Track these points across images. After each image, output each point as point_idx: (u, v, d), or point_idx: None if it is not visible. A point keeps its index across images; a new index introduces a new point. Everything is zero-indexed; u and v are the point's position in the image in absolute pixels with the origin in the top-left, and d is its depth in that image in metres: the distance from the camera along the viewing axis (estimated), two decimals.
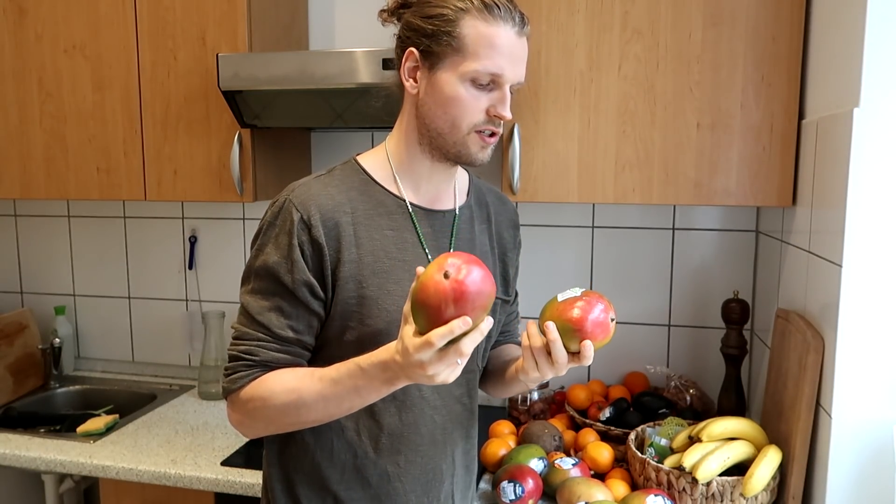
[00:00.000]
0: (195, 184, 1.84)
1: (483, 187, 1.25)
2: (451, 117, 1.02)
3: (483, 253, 1.18)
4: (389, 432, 1.09)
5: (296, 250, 1.01)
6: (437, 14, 1.00)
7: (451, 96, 1.01)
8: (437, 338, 0.81)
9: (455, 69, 1.00)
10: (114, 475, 1.66)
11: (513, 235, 1.26)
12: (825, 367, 1.27)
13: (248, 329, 1.03)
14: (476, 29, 0.99)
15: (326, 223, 1.02)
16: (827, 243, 1.29)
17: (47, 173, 1.94)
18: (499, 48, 0.99)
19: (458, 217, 1.15)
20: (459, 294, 0.80)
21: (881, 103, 1.17)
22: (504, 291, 1.22)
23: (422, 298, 0.82)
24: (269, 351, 1.03)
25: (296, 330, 1.03)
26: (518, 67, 1.03)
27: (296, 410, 1.00)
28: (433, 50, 1.01)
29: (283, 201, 1.04)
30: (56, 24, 1.87)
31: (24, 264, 2.42)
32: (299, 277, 1.01)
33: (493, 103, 1.02)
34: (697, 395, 1.79)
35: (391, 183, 1.10)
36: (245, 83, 1.65)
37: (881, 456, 1.22)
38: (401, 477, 1.11)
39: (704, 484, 1.34)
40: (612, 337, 0.98)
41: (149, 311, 2.32)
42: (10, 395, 2.12)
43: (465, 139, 1.03)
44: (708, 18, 1.49)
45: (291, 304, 1.02)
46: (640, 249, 1.93)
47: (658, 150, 1.54)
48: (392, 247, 1.06)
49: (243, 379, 1.02)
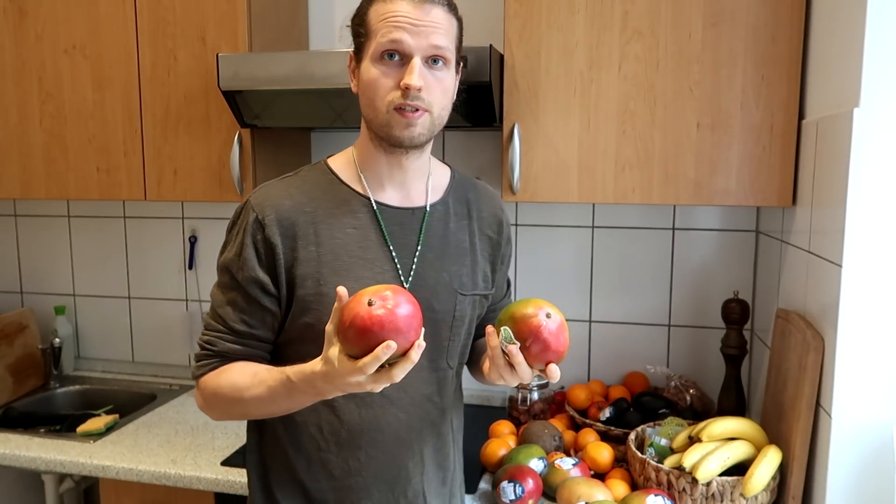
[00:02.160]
0: (195, 184, 1.84)
1: (466, 183, 1.24)
2: (370, 99, 1.05)
3: (459, 249, 1.17)
4: (349, 428, 1.11)
5: (248, 249, 1.06)
6: (355, 14, 1.07)
7: (367, 80, 1.05)
8: (367, 367, 0.84)
9: (368, 55, 1.05)
10: (114, 475, 1.66)
11: (497, 231, 1.24)
12: (825, 367, 1.27)
13: (211, 320, 1.11)
14: (376, 11, 1.04)
15: (282, 223, 1.06)
16: (827, 243, 1.29)
17: (47, 173, 1.94)
18: (395, 20, 1.01)
19: (428, 214, 1.15)
20: (381, 324, 0.84)
21: (881, 103, 1.17)
22: (485, 286, 1.21)
23: (347, 325, 0.86)
24: (226, 342, 1.09)
25: (249, 324, 1.08)
26: (422, 36, 1.01)
27: (238, 407, 1.07)
28: (357, 47, 1.07)
29: (245, 202, 1.10)
30: (56, 24, 1.87)
31: (24, 264, 2.42)
32: (248, 275, 1.06)
33: (402, 77, 1.02)
34: (697, 395, 1.79)
35: (357, 182, 1.13)
36: (245, 83, 1.65)
37: (881, 456, 1.22)
38: (362, 472, 1.13)
39: (704, 484, 1.34)
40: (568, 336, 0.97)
41: (149, 311, 2.32)
42: (10, 395, 2.12)
43: (387, 119, 1.04)
44: (708, 18, 1.49)
45: (245, 299, 1.08)
46: (640, 249, 1.93)
47: (658, 150, 1.54)
48: (353, 244, 1.08)
49: (204, 367, 1.10)
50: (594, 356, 1.99)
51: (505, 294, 1.34)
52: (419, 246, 1.13)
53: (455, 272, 1.15)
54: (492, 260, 1.23)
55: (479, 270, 1.20)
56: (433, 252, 1.14)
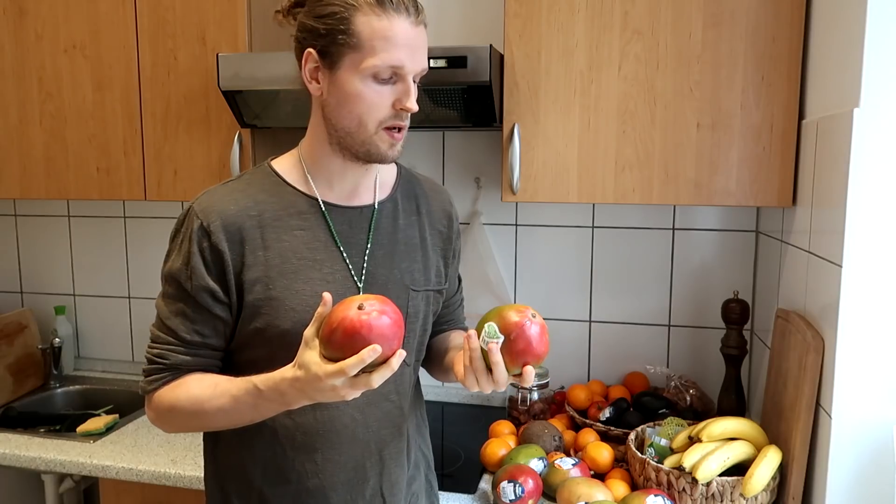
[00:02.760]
0: (195, 184, 1.84)
1: (413, 179, 1.23)
2: (357, 115, 1.01)
3: (410, 245, 1.16)
4: (304, 431, 1.09)
5: (195, 257, 1.03)
6: (329, 13, 0.99)
7: (355, 94, 1.00)
8: (349, 368, 0.84)
9: (355, 67, 0.99)
10: (114, 475, 1.66)
11: (447, 225, 1.23)
12: (825, 368, 1.27)
13: (160, 333, 1.07)
14: (370, 24, 0.98)
15: (228, 229, 1.03)
16: (827, 243, 1.29)
17: (47, 173, 1.94)
18: (394, 40, 0.98)
19: (377, 211, 1.14)
20: (369, 328, 0.85)
21: (881, 103, 1.17)
22: (438, 282, 1.20)
23: (333, 327, 0.86)
24: (178, 355, 1.06)
25: (201, 334, 1.06)
26: (418, 57, 1.01)
27: (199, 420, 1.04)
28: (330, 50, 1.00)
29: (188, 209, 1.07)
30: (56, 24, 1.87)
31: (24, 264, 2.42)
32: (198, 284, 1.03)
33: (397, 96, 1.01)
34: (697, 395, 1.79)
35: (303, 183, 1.10)
36: (245, 83, 1.65)
37: (881, 456, 1.22)
38: (319, 474, 1.10)
39: (704, 484, 1.34)
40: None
41: (149, 311, 2.30)
42: (10, 395, 2.12)
43: (372, 137, 1.03)
44: (708, 18, 1.49)
45: (195, 309, 1.05)
46: (640, 249, 1.93)
47: (658, 150, 1.54)
48: (302, 246, 1.07)
49: (156, 382, 1.06)
50: (594, 356, 1.99)
51: (457, 290, 1.32)
52: (369, 244, 1.11)
53: (406, 269, 1.14)
54: (444, 255, 1.22)
55: (432, 266, 1.19)
56: (383, 250, 1.13)
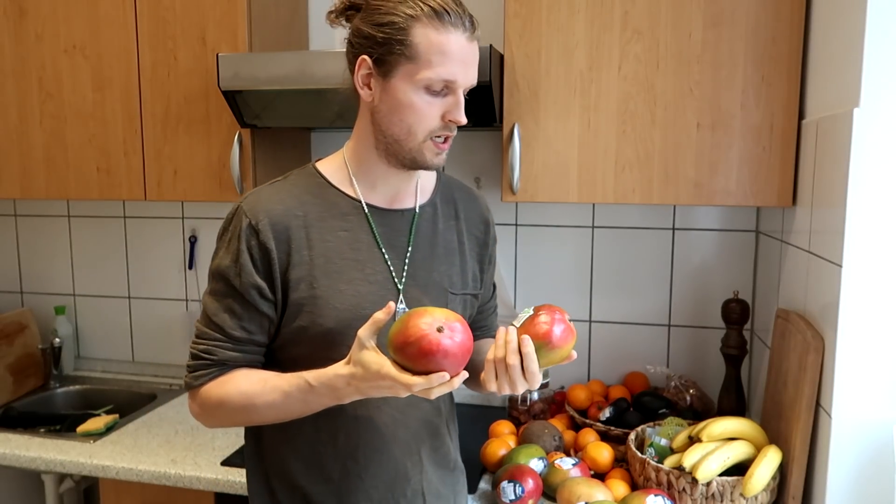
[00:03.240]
0: (195, 184, 1.85)
1: (452, 184, 1.26)
2: (408, 125, 1.04)
3: (448, 250, 1.18)
4: (347, 430, 1.11)
5: (244, 254, 1.06)
6: (388, 22, 1.01)
7: (407, 104, 1.02)
8: (416, 386, 0.89)
9: (409, 77, 1.01)
10: (114, 475, 1.66)
11: (484, 231, 1.26)
12: (825, 367, 1.27)
13: (206, 329, 1.09)
14: (427, 37, 1.00)
15: (275, 228, 1.06)
16: (827, 243, 1.29)
17: (47, 173, 1.94)
18: (451, 55, 1.00)
19: (417, 215, 1.16)
20: (445, 353, 0.89)
21: (881, 103, 1.17)
22: (474, 286, 1.23)
23: (410, 341, 0.89)
24: (225, 350, 1.08)
25: (247, 330, 1.08)
26: (470, 71, 1.04)
27: (247, 414, 1.07)
28: (386, 58, 1.02)
29: (236, 208, 1.09)
30: (56, 24, 1.87)
31: (24, 264, 2.42)
32: (247, 280, 1.06)
33: (447, 109, 1.04)
34: (697, 395, 1.79)
35: (347, 185, 1.12)
36: (245, 83, 1.65)
37: (881, 456, 1.22)
38: (361, 473, 1.12)
39: (704, 484, 1.34)
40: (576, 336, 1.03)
41: (149, 311, 2.32)
42: (10, 395, 2.12)
43: (420, 146, 1.06)
44: (708, 18, 1.49)
45: (242, 305, 1.07)
46: (640, 249, 1.93)
47: (658, 150, 1.54)
48: (345, 247, 1.09)
49: (203, 377, 1.08)
50: (594, 356, 1.99)
51: (491, 296, 1.34)
52: (409, 247, 1.14)
53: (444, 272, 1.16)
54: (480, 260, 1.24)
55: (469, 270, 1.21)
56: (422, 253, 1.15)
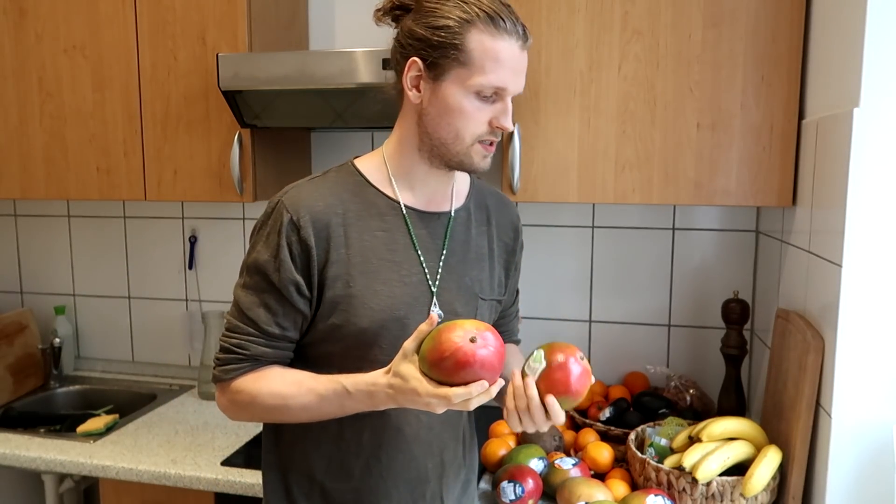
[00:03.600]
0: (195, 184, 1.84)
1: (485, 189, 1.26)
2: (456, 129, 1.04)
3: (479, 255, 1.19)
4: (372, 428, 1.11)
5: (284, 250, 1.04)
6: (443, 26, 1.00)
7: (456, 108, 1.02)
8: (455, 397, 0.89)
9: (460, 82, 1.01)
10: (114, 475, 1.66)
11: (513, 238, 1.27)
12: (825, 367, 1.27)
13: (239, 322, 1.08)
14: (482, 43, 1.00)
15: (316, 224, 1.05)
16: (827, 243, 1.29)
17: (47, 173, 1.94)
18: (503, 62, 1.01)
19: (453, 219, 1.16)
20: (481, 364, 0.89)
21: (881, 103, 1.17)
22: (500, 292, 1.23)
23: (445, 356, 0.89)
24: (258, 346, 1.07)
25: (282, 326, 1.07)
26: (520, 79, 1.05)
27: (279, 413, 1.07)
28: (438, 62, 1.01)
29: (277, 202, 1.08)
30: (56, 24, 1.87)
31: (24, 264, 2.42)
32: (286, 276, 1.04)
33: (495, 114, 1.04)
34: (697, 395, 1.79)
35: (386, 185, 1.12)
36: (245, 83, 1.65)
37: (881, 456, 1.22)
38: (383, 473, 1.13)
39: (704, 484, 1.34)
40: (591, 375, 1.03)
41: (149, 311, 2.32)
42: (10, 395, 2.12)
43: (468, 150, 1.06)
44: (708, 18, 1.49)
45: (278, 301, 1.06)
46: (640, 249, 1.93)
47: (658, 150, 1.54)
48: (382, 247, 1.08)
49: (234, 371, 1.07)
50: (594, 356, 1.99)
51: (514, 301, 1.34)
52: (444, 251, 1.13)
53: (475, 277, 1.17)
54: (506, 266, 1.25)
55: (496, 276, 1.22)
56: (456, 257, 1.15)
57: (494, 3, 1.01)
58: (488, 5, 1.00)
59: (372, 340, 1.05)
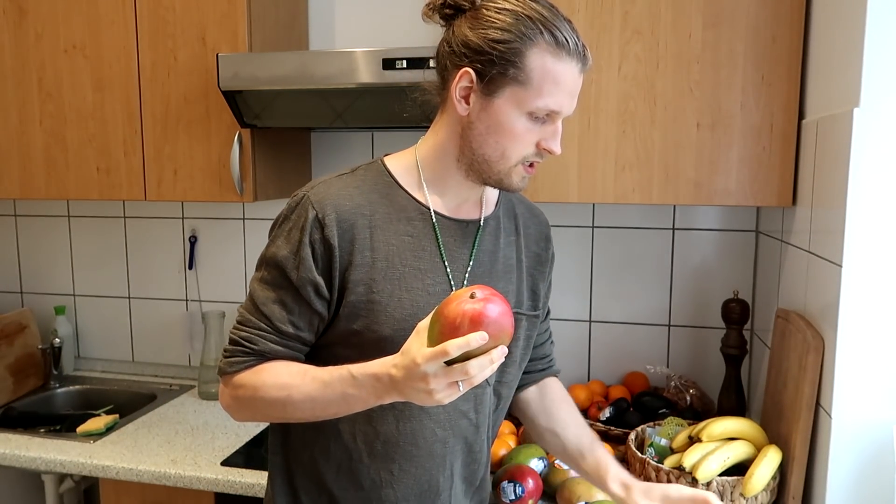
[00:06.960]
0: (195, 184, 1.85)
1: (514, 198, 1.21)
2: (503, 148, 1.00)
3: (507, 266, 1.14)
4: (385, 440, 1.08)
5: (305, 248, 1.00)
6: (503, 40, 0.95)
7: (507, 128, 0.98)
8: (452, 347, 0.80)
9: (515, 101, 0.97)
10: (114, 475, 1.66)
11: (544, 248, 1.22)
12: (825, 367, 1.27)
13: (251, 316, 1.04)
14: (544, 64, 0.95)
15: (341, 224, 1.00)
16: (827, 243, 1.29)
17: (47, 173, 1.94)
18: (563, 85, 0.97)
19: (481, 228, 1.11)
20: (479, 316, 0.82)
21: (881, 103, 1.17)
22: (532, 306, 1.18)
23: (442, 314, 0.84)
24: (268, 342, 1.03)
25: (296, 325, 1.03)
26: (574, 103, 1.01)
27: (283, 406, 1.01)
28: (493, 77, 0.96)
29: (302, 197, 1.03)
30: (56, 24, 1.87)
31: (24, 264, 2.42)
32: (305, 275, 1.01)
33: (544, 137, 1.00)
34: (697, 395, 1.79)
35: (417, 189, 1.07)
36: (245, 83, 1.65)
37: (881, 456, 1.22)
38: (393, 484, 1.09)
39: (704, 484, 1.34)
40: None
41: (149, 311, 2.32)
42: (10, 395, 2.12)
43: (510, 170, 1.01)
44: (708, 18, 1.49)
45: (295, 299, 1.02)
46: (640, 249, 1.93)
47: (658, 150, 1.54)
48: (408, 253, 1.04)
49: (240, 364, 1.03)
50: (594, 356, 1.99)
51: (545, 317, 1.29)
52: (471, 261, 1.09)
53: (502, 289, 1.11)
54: (536, 277, 1.20)
55: (525, 289, 1.17)
56: (483, 268, 1.10)
57: (557, 20, 0.96)
58: (552, 22, 0.95)
59: (390, 349, 0.94)
